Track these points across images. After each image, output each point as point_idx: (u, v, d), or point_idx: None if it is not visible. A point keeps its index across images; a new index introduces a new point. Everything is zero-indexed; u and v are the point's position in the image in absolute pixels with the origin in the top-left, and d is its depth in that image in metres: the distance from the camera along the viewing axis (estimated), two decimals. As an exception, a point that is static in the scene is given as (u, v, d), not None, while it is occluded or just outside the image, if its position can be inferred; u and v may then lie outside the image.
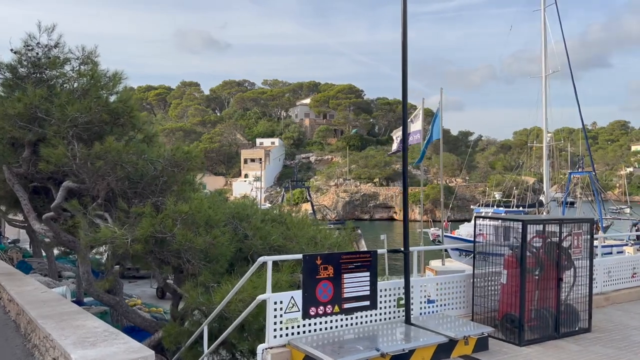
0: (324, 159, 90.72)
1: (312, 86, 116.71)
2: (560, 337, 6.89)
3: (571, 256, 7.16)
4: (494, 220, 7.40)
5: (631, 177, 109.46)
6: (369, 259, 6.50)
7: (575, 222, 7.21)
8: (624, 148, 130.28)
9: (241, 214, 10.34)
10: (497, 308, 7.13)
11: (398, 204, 71.82)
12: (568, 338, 6.93)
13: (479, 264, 7.24)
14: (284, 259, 6.84)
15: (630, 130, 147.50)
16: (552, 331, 6.88)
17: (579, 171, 47.04)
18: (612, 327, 7.42)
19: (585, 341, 6.81)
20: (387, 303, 6.72)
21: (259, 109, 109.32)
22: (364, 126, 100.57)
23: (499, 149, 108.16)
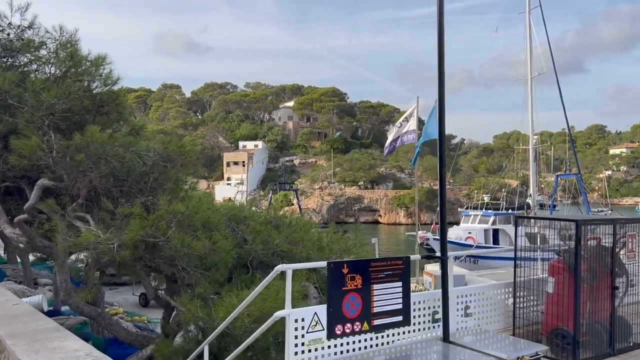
0: (308, 162, 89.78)
1: (295, 89, 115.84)
2: (615, 355, 6.04)
3: (623, 261, 6.33)
4: (541, 220, 6.51)
5: (610, 180, 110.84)
6: (401, 266, 5.56)
7: (629, 222, 6.38)
8: (602, 151, 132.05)
9: (238, 216, 9.34)
10: (541, 321, 6.25)
11: (383, 207, 71.24)
12: (623, 355, 6.09)
13: (519, 270, 6.35)
14: (306, 267, 5.85)
15: (607, 134, 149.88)
16: (607, 347, 6.02)
17: (567, 173, 46.94)
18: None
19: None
20: (422, 318, 5.78)
21: (242, 112, 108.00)
22: (348, 129, 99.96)
23: (481, 152, 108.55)
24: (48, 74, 8.09)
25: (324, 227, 13.27)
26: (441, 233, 5.66)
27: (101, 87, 7.54)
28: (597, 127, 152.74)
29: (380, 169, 79.50)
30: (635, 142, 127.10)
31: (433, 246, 37.24)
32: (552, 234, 22.93)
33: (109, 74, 7.78)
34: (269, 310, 6.28)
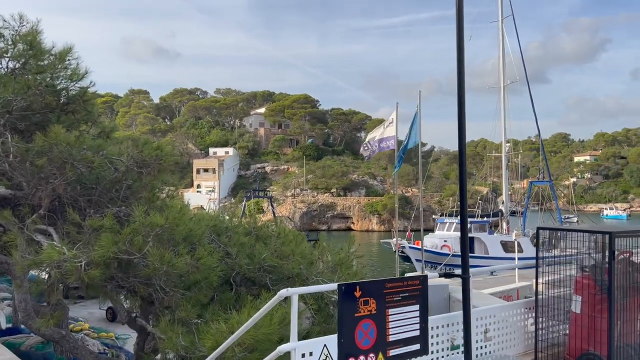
0: (279, 169, 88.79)
1: (267, 95, 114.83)
2: (648, 380, 5.48)
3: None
4: (559, 232, 5.90)
5: (575, 187, 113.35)
6: (418, 287, 4.87)
7: (660, 234, 5.84)
8: (567, 159, 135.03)
9: (219, 227, 8.51)
10: (565, 344, 5.65)
11: (356, 214, 70.81)
12: (655, 381, 5.53)
13: (544, 287, 5.74)
14: (314, 291, 5.09)
15: (571, 142, 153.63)
16: (640, 374, 5.45)
17: (540, 180, 47.38)
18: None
19: (681, 385, 5.42)
20: (440, 345, 5.10)
21: (212, 118, 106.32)
22: (320, 136, 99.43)
23: (451, 160, 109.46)
24: (4, 67, 7.12)
25: (311, 240, 12.45)
26: (462, 248, 4.98)
27: (66, 83, 6.62)
28: (561, 136, 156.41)
29: (352, 176, 79.13)
30: (598, 150, 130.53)
31: (409, 254, 36.86)
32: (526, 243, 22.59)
33: (75, 68, 6.87)
34: (262, 338, 5.50)
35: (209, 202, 62.24)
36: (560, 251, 5.74)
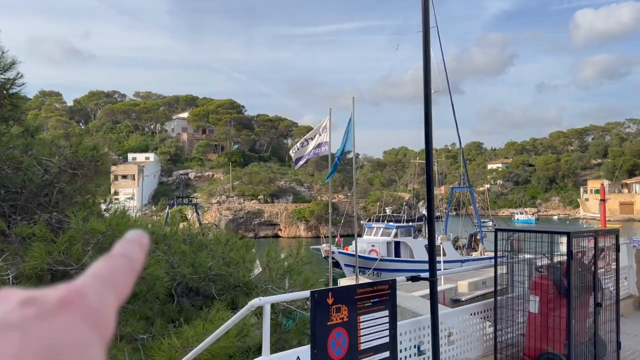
0: (204, 176, 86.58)
1: (190, 100, 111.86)
2: (599, 376, 5.65)
3: (597, 275, 6.00)
4: (517, 233, 5.98)
5: (489, 192, 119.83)
6: (387, 291, 4.71)
7: (607, 233, 6.08)
8: (481, 167, 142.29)
9: (157, 235, 7.96)
10: (523, 344, 5.71)
11: (283, 220, 70.43)
12: (606, 376, 5.72)
13: (504, 289, 5.77)
14: (287, 300, 4.77)
15: (484, 150, 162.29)
16: (593, 369, 5.61)
17: (461, 186, 49.45)
18: (634, 357, 6.38)
19: (630, 379, 5.64)
20: (407, 351, 4.95)
21: (131, 122, 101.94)
22: (246, 142, 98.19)
23: (375, 167, 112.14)
24: None
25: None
26: (430, 254, 4.88)
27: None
28: (475, 144, 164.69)
29: (280, 183, 78.73)
30: (509, 157, 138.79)
31: (338, 259, 37.03)
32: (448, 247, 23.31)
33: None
34: (219, 352, 5.12)
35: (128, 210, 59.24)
36: (517, 252, 5.82)
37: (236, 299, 7.36)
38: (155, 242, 7.76)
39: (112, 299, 0.44)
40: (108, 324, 0.42)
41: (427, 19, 5.04)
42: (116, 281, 0.45)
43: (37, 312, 0.39)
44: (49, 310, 0.39)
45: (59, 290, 0.42)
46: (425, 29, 4.97)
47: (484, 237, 44.56)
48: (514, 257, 5.94)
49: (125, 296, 0.47)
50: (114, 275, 0.45)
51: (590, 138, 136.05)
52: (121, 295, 0.46)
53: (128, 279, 0.46)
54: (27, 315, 0.38)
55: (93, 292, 0.42)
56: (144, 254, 0.50)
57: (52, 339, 0.37)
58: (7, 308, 0.39)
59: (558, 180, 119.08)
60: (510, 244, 5.96)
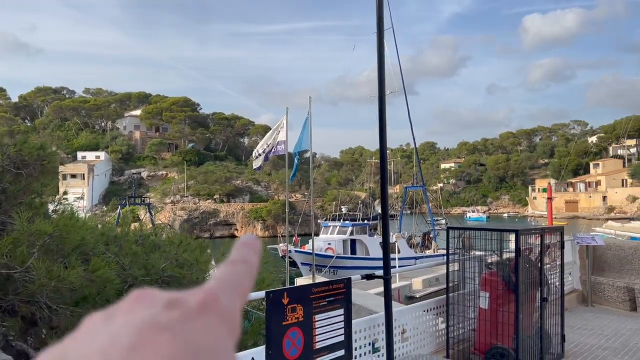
0: (157, 175, 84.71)
1: (142, 97, 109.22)
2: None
3: (544, 271, 6.25)
4: (468, 231, 6.14)
5: (442, 191, 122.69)
6: (342, 290, 4.74)
7: (552, 231, 6.33)
8: (434, 166, 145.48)
9: (107, 236, 7.74)
10: (474, 339, 5.87)
11: (239, 220, 69.79)
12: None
13: (456, 285, 5.92)
14: None
15: (437, 150, 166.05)
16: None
17: (414, 185, 50.35)
18: (578, 350, 6.67)
19: (573, 370, 5.89)
20: (362, 349, 5.01)
21: (80, 120, 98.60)
22: (201, 141, 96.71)
23: (332, 166, 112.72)
24: None
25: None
26: (384, 253, 4.95)
27: None
28: (429, 144, 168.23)
29: (236, 182, 77.93)
30: (462, 157, 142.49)
31: (294, 258, 37.06)
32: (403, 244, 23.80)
33: None
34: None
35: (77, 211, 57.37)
36: (468, 250, 5.98)
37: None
38: (105, 244, 7.55)
39: (239, 303, 0.46)
40: (238, 326, 0.44)
41: (381, 20, 5.11)
42: (240, 285, 0.47)
43: (182, 314, 0.40)
44: (191, 313, 0.40)
45: (196, 293, 0.44)
46: (380, 30, 5.04)
47: (437, 235, 45.58)
48: (466, 254, 6.10)
49: (246, 299, 0.49)
50: (237, 280, 0.48)
51: (538, 139, 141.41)
52: (244, 299, 0.48)
53: (249, 282, 0.48)
54: (174, 317, 0.39)
55: (225, 296, 0.44)
56: (259, 258, 0.52)
57: (196, 342, 0.38)
58: (155, 309, 0.40)
59: (508, 179, 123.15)
60: (462, 242, 6.12)
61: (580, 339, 7.10)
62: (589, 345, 6.86)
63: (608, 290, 9.19)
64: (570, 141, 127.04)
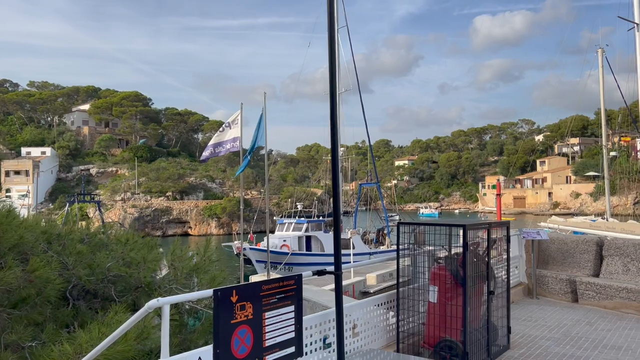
0: (107, 171, 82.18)
1: (91, 91, 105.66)
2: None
3: (490, 265, 6.41)
4: (420, 226, 6.21)
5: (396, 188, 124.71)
6: (293, 287, 4.70)
7: (499, 225, 6.50)
8: (389, 163, 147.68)
9: (50, 234, 7.44)
10: (423, 333, 5.96)
11: (193, 218, 68.64)
12: (497, 359, 6.13)
13: (408, 280, 5.99)
14: (188, 300, 4.59)
15: (392, 148, 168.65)
16: (486, 355, 5.97)
17: (369, 182, 50.89)
18: (523, 340, 6.89)
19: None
20: (313, 345, 4.99)
21: (25, 114, 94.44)
22: (153, 137, 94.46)
23: (288, 163, 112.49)
24: None
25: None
26: (335, 248, 4.94)
27: None
28: (383, 142, 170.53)
29: (190, 179, 76.57)
30: (415, 155, 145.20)
31: (249, 256, 36.80)
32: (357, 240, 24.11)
33: None
34: (116, 356, 4.85)
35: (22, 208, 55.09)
36: (420, 245, 6.06)
37: (138, 301, 7.04)
38: (47, 242, 7.25)
39: None
40: None
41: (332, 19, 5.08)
42: None
43: None
44: None
45: None
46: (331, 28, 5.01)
47: (391, 231, 46.29)
48: (417, 249, 6.18)
49: None
50: None
51: (488, 137, 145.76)
52: None
53: None
54: None
55: None
56: None
57: None
58: None
59: (459, 176, 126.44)
60: (414, 237, 6.19)
61: (525, 330, 7.33)
62: (533, 336, 7.09)
63: (552, 282, 9.54)
64: (519, 139, 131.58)
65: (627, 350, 6.45)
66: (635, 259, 8.92)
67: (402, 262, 6.15)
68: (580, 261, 9.62)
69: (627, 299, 8.44)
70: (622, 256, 9.11)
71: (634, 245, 9.02)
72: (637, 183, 38.36)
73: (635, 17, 24.11)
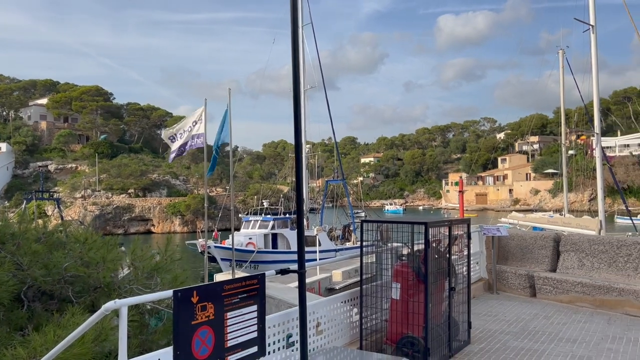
0: (66, 168, 79.77)
1: (49, 85, 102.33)
2: (452, 355, 6.14)
3: (452, 261, 6.51)
4: (384, 224, 6.25)
5: (362, 185, 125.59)
6: (256, 286, 4.67)
7: (460, 222, 6.60)
8: (355, 160, 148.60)
9: (3, 233, 7.19)
10: (386, 329, 6.02)
11: (156, 215, 67.39)
12: (458, 355, 6.24)
13: (367, 277, 6.02)
14: (147, 301, 4.48)
15: (358, 145, 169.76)
16: (447, 350, 6.07)
17: (335, 179, 51.05)
18: (483, 335, 7.04)
19: (479, 356, 6.19)
20: (276, 345, 4.97)
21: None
22: (115, 132, 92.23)
23: (254, 159, 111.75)
24: None
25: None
26: (299, 246, 4.93)
27: None
28: (350, 139, 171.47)
29: (153, 176, 75.10)
30: (380, 152, 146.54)
31: (214, 254, 36.41)
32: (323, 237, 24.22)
33: None
34: None
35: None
36: (385, 242, 6.11)
37: (97, 302, 6.86)
38: (1, 242, 7.00)
39: None
40: None
41: (295, 15, 5.05)
42: None
43: None
44: None
45: None
46: (294, 24, 4.98)
47: (357, 228, 46.44)
48: (382, 246, 6.23)
49: None
50: None
51: (451, 135, 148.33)
52: None
53: None
54: None
55: None
56: None
57: None
58: None
59: (423, 173, 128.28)
60: (379, 234, 6.24)
61: (485, 325, 7.49)
62: (493, 330, 7.26)
63: (511, 277, 9.78)
64: (481, 137, 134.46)
65: (582, 343, 6.67)
66: (590, 254, 9.24)
67: (366, 259, 6.19)
68: (538, 257, 9.89)
69: (582, 293, 8.73)
70: (578, 252, 9.42)
71: (589, 241, 9.33)
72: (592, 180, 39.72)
73: (591, 19, 24.91)
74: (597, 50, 24.79)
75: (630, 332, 7.13)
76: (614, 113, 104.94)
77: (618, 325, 7.48)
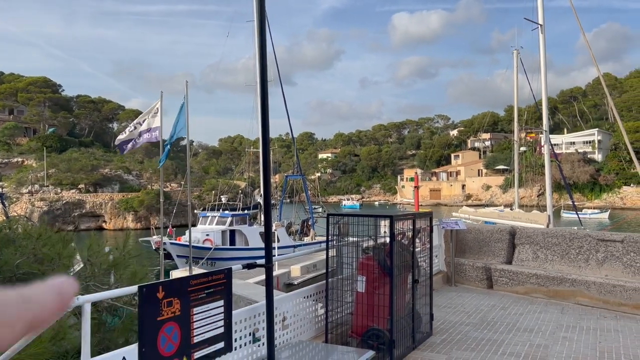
0: (12, 162, 76.25)
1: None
2: (416, 347, 6.23)
3: (415, 254, 6.61)
4: (347, 217, 6.25)
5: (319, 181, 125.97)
6: (222, 281, 4.58)
7: (422, 216, 6.69)
8: (312, 156, 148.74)
9: (-52, 230, 6.81)
10: (351, 323, 6.04)
11: (108, 211, 65.40)
12: (421, 346, 6.33)
13: (334, 271, 6.02)
14: (111, 297, 4.31)
15: (315, 141, 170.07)
16: (411, 342, 6.16)
17: (294, 175, 50.92)
18: (445, 327, 7.18)
19: (441, 347, 6.30)
20: (243, 340, 4.89)
21: None
22: (64, 125, 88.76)
23: (210, 154, 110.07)
24: None
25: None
26: (266, 240, 4.87)
27: None
28: (307, 135, 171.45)
29: (104, 171, 72.76)
30: (338, 148, 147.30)
31: (170, 250, 35.67)
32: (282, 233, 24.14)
33: None
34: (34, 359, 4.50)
35: None
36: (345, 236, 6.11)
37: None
38: (-55, 239, 6.62)
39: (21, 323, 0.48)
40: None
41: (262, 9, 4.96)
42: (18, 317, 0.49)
43: None
44: None
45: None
46: (261, 17, 4.90)
47: (315, 223, 46.59)
48: (342, 240, 6.24)
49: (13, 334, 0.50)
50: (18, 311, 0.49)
51: (407, 131, 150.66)
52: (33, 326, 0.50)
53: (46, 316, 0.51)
54: None
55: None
56: (65, 306, 0.55)
57: None
58: None
59: (379, 169, 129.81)
60: (338, 228, 6.24)
61: (445, 317, 7.64)
62: (453, 322, 7.41)
63: (469, 270, 10.02)
64: (435, 134, 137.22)
65: (538, 332, 6.91)
66: (544, 247, 9.57)
67: (332, 252, 6.19)
68: (495, 250, 10.17)
69: (536, 284, 9.04)
70: (532, 244, 9.74)
71: (543, 234, 9.67)
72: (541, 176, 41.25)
73: (539, 19, 25.77)
74: (546, 49, 25.69)
75: (582, 321, 7.43)
76: (561, 112, 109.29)
77: (571, 315, 7.79)
